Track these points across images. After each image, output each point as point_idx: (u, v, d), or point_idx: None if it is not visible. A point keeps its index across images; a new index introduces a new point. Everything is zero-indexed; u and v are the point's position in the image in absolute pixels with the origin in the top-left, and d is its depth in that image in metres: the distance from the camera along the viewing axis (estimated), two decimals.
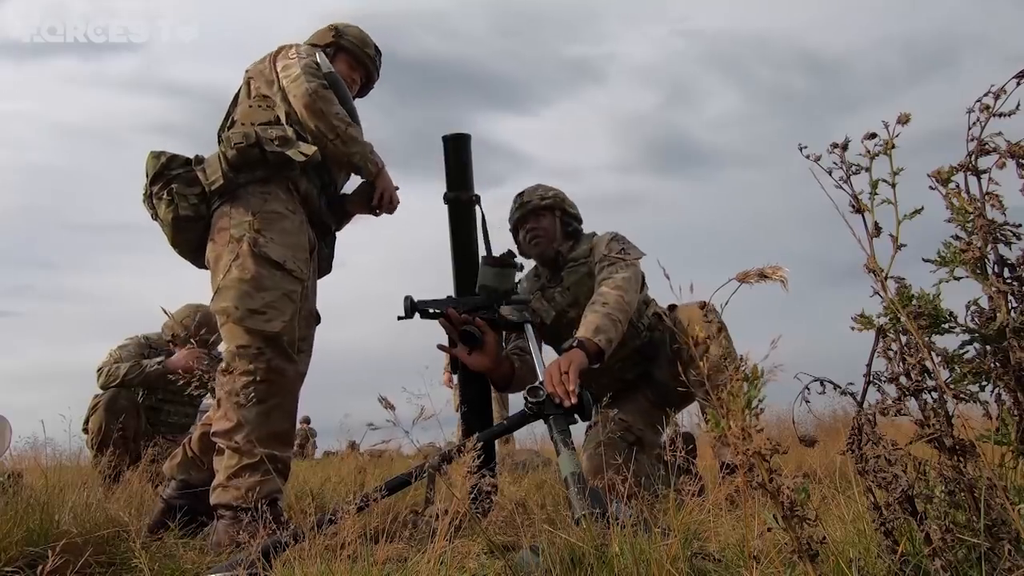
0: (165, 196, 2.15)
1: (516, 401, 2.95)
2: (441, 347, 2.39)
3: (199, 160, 2.19)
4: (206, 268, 2.28)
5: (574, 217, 2.89)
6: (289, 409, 2.09)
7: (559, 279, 2.82)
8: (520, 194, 2.90)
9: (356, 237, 2.73)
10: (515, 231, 2.91)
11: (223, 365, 2.05)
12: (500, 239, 3.05)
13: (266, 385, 2.01)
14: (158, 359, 3.88)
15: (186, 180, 2.16)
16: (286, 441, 2.08)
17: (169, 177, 2.15)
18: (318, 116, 2.20)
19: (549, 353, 2.76)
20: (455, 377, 2.48)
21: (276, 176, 2.20)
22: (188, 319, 4.03)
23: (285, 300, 2.09)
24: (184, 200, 2.14)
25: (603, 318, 2.29)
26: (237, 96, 2.44)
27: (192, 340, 3.94)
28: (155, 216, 2.21)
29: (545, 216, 2.84)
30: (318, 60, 2.31)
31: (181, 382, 3.74)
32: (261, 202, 2.16)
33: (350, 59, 2.54)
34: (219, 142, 2.34)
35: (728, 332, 2.63)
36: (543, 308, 2.81)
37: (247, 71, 2.43)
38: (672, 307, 2.76)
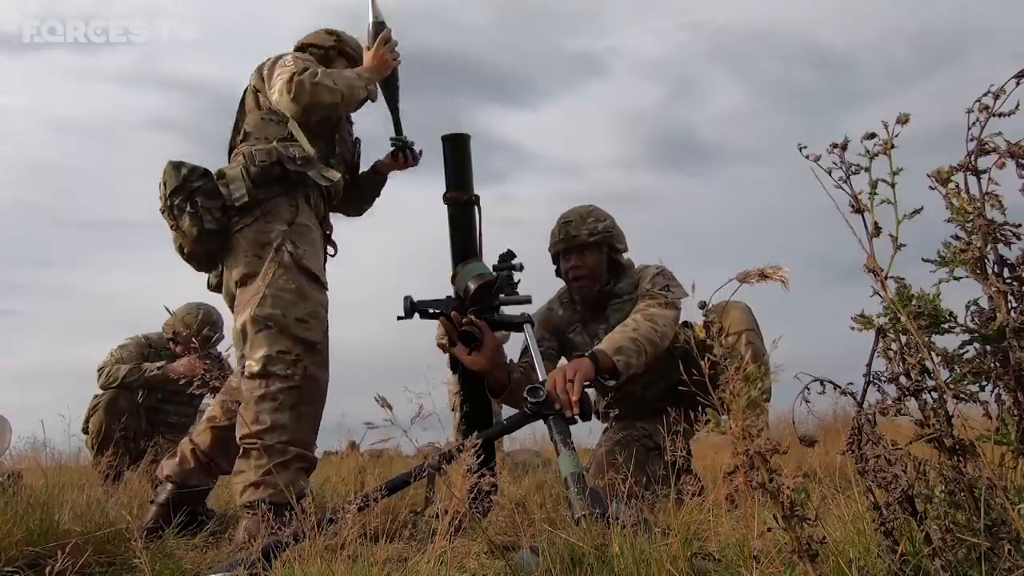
0: (188, 209, 2.14)
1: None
2: (441, 346, 2.39)
3: (220, 174, 2.20)
4: (207, 271, 2.33)
5: (621, 250, 2.65)
6: (315, 419, 2.14)
7: (604, 317, 2.64)
8: (567, 222, 2.62)
9: (355, 236, 2.72)
10: (556, 258, 2.70)
11: (257, 369, 2.06)
12: (499, 239, 3.03)
13: (300, 391, 2.06)
14: (159, 364, 3.88)
15: (208, 192, 2.17)
16: (310, 449, 2.13)
17: (191, 189, 2.16)
18: (310, 109, 2.17)
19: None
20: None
21: (295, 190, 2.25)
22: (190, 317, 4.04)
23: (321, 310, 2.17)
24: (209, 213, 2.15)
25: (628, 340, 2.19)
26: (243, 103, 2.40)
27: (194, 339, 3.94)
28: (175, 227, 2.20)
29: (592, 253, 2.59)
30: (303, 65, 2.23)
31: (182, 382, 3.74)
32: (291, 214, 2.22)
33: (349, 64, 2.52)
34: (230, 153, 2.36)
35: (758, 330, 2.49)
36: (584, 343, 2.64)
37: (252, 80, 2.38)
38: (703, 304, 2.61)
